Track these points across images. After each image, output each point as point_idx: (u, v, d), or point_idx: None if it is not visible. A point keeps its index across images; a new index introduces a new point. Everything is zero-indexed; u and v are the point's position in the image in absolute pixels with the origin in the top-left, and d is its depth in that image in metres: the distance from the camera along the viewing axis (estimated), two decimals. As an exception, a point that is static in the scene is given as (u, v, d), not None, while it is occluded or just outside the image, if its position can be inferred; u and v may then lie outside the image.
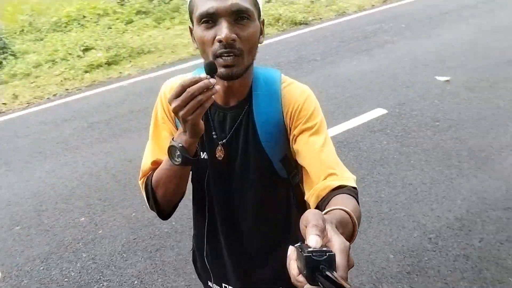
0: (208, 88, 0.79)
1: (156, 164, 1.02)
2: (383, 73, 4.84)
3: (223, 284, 1.22)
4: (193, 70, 1.06)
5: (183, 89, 0.78)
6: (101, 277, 2.54)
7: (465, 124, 3.68)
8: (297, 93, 0.99)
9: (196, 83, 0.78)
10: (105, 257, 2.69)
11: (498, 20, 6.14)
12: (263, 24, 0.97)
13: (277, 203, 1.11)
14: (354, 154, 3.45)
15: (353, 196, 0.82)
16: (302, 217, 0.54)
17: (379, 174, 3.17)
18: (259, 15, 0.93)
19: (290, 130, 0.98)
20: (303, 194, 1.04)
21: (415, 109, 4.02)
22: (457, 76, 4.56)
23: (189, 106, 0.79)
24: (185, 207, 1.23)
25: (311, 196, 0.90)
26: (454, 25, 6.15)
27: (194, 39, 0.93)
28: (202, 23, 0.87)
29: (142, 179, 1.06)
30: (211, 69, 0.81)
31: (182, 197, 1.05)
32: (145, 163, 1.05)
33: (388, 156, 3.38)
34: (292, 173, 1.06)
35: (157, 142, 1.05)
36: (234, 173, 1.04)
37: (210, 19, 0.85)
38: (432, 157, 3.29)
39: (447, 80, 4.48)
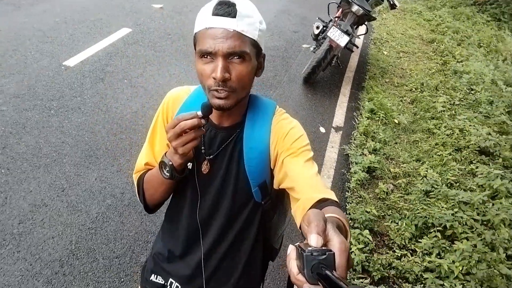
0: (199, 126, 0.90)
1: (148, 165, 1.17)
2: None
3: (170, 279, 1.28)
4: (199, 85, 1.10)
5: (177, 122, 0.89)
6: None
7: (182, 34, 5.27)
8: (286, 123, 1.08)
9: (190, 119, 0.88)
10: None
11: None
12: (264, 58, 1.05)
13: (244, 221, 1.15)
14: (126, 61, 4.43)
15: (339, 208, 0.85)
16: (304, 216, 0.56)
17: (151, 70, 4.34)
18: (258, 53, 1.00)
19: (276, 157, 1.06)
20: (269, 220, 1.21)
21: (150, 27, 5.27)
22: (169, 3, 6.05)
23: (181, 139, 0.90)
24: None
25: (297, 208, 0.94)
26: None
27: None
28: (202, 57, 0.94)
29: (136, 174, 1.19)
30: (205, 110, 0.91)
31: (168, 198, 1.20)
32: (139, 162, 1.18)
33: (150, 59, 4.56)
34: (266, 198, 1.13)
35: (152, 147, 1.17)
36: (213, 187, 1.11)
37: (208, 55, 0.92)
38: (178, 49, 4.73)
39: (161, 7, 5.89)
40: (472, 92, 5.47)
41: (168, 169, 0.99)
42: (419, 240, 3.04)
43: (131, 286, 2.34)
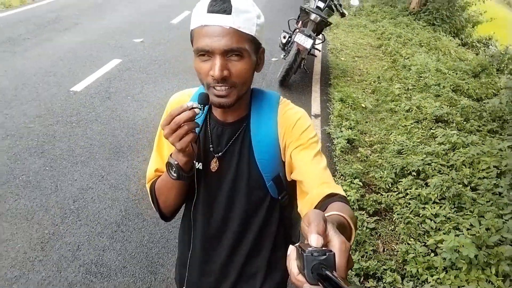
0: (194, 117, 0.89)
1: (158, 171, 1.14)
2: (103, 37, 6.34)
3: None
4: (199, 87, 1.09)
5: (171, 117, 0.88)
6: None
7: (167, 59, 5.95)
8: (292, 113, 1.05)
9: (182, 112, 0.88)
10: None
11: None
12: (263, 53, 1.02)
13: (262, 221, 1.12)
14: (124, 83, 5.03)
15: (346, 203, 0.84)
16: (304, 216, 0.56)
17: (148, 88, 4.96)
18: (257, 48, 0.97)
19: (285, 148, 1.03)
20: (289, 216, 1.16)
21: (137, 56, 5.92)
22: (148, 37, 6.76)
23: (176, 133, 0.89)
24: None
25: (305, 204, 0.93)
26: (121, 8, 8.21)
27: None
28: (199, 55, 0.92)
29: (148, 184, 1.17)
30: (202, 100, 0.91)
31: (182, 204, 1.16)
32: (150, 170, 1.16)
33: (144, 80, 5.19)
34: (282, 193, 1.09)
35: (160, 153, 1.15)
36: (225, 185, 1.08)
37: (206, 53, 0.91)
38: (167, 71, 5.38)
39: (141, 41, 6.58)
40: (421, 78, 6.39)
41: (174, 169, 0.98)
42: (399, 182, 3.71)
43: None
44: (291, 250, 0.54)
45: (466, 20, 11.10)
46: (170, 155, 1.00)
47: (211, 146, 1.07)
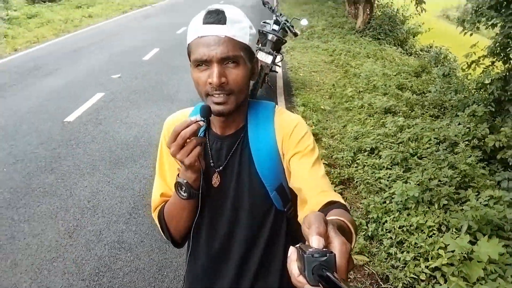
0: (198, 130, 0.91)
1: (164, 196, 1.13)
2: (83, 77, 6.94)
3: None
4: (195, 106, 1.11)
5: (176, 134, 0.90)
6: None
7: (145, 90, 6.61)
8: (289, 120, 1.06)
9: (187, 127, 0.89)
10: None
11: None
12: (257, 63, 1.06)
13: (269, 235, 1.09)
14: (112, 110, 5.63)
15: (346, 211, 0.84)
16: (304, 218, 0.56)
17: (133, 113, 5.58)
18: (251, 57, 1.01)
19: (284, 155, 1.03)
20: (298, 229, 1.03)
21: (118, 89, 6.56)
22: (124, 73, 7.42)
23: (184, 149, 0.91)
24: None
25: (305, 213, 0.87)
26: (95, 52, 8.86)
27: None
28: (197, 66, 0.96)
29: (154, 212, 1.15)
30: (205, 112, 0.94)
31: (192, 225, 1.11)
32: (155, 197, 1.15)
33: (129, 107, 5.81)
34: (288, 205, 1.08)
35: (163, 178, 1.14)
36: (228, 200, 1.07)
37: (203, 63, 0.94)
38: (147, 98, 6.03)
39: (119, 76, 7.24)
40: (370, 82, 7.29)
41: (184, 188, 0.99)
42: (357, 159, 4.44)
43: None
44: (292, 251, 0.54)
45: (407, 32, 12.39)
46: (178, 175, 1.01)
47: (211, 161, 1.08)
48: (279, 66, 6.74)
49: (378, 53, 9.77)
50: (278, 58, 6.63)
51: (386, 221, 3.29)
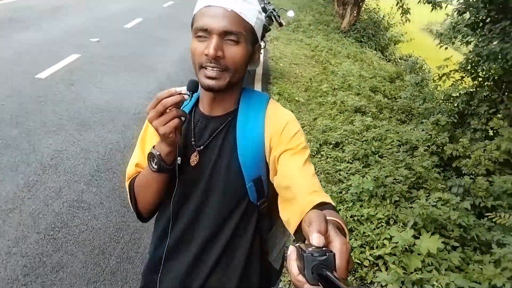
0: (182, 102, 0.88)
1: (138, 166, 1.11)
2: (61, 35, 6.78)
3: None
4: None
5: (158, 100, 0.88)
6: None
7: (123, 56, 6.54)
8: (281, 116, 1.03)
9: (170, 96, 0.87)
10: None
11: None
12: (259, 49, 1.03)
13: (236, 225, 1.06)
14: (86, 73, 5.56)
15: (337, 213, 0.83)
16: (305, 217, 0.56)
17: (108, 79, 5.52)
18: (255, 41, 0.98)
19: (271, 151, 1.00)
20: (266, 229, 1.11)
21: (95, 53, 6.45)
22: (104, 38, 7.29)
23: (163, 117, 0.88)
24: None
25: (294, 212, 0.88)
26: (76, 13, 8.64)
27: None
28: (197, 36, 0.93)
29: (127, 182, 1.13)
30: (191, 86, 0.92)
31: (159, 203, 1.11)
32: (130, 166, 1.13)
33: (104, 71, 5.75)
34: (261, 199, 1.05)
35: (142, 149, 1.13)
36: (202, 180, 1.04)
37: (204, 34, 0.92)
38: (125, 66, 5.98)
39: (98, 40, 7.11)
40: (346, 81, 7.47)
41: (156, 160, 0.97)
42: (322, 150, 4.59)
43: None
44: (292, 251, 0.54)
45: (389, 39, 12.68)
46: (153, 146, 0.99)
47: (193, 139, 1.05)
48: (261, 54, 6.80)
49: (358, 55, 9.99)
50: (261, 44, 6.68)
51: (340, 210, 3.45)
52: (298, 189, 0.91)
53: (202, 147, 1.04)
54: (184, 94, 0.90)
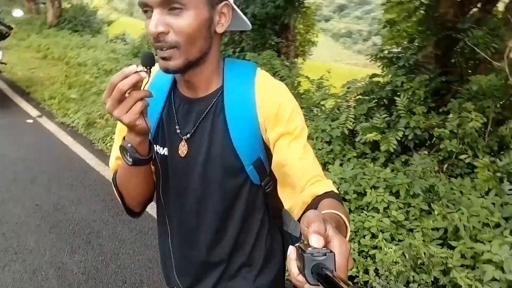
0: (140, 81, 0.74)
1: (119, 159, 0.97)
2: None
3: None
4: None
5: (113, 86, 0.73)
6: None
7: None
8: (273, 91, 0.91)
9: (125, 78, 0.73)
10: None
11: None
12: (227, 7, 0.85)
13: (244, 211, 0.99)
14: None
15: (339, 201, 0.80)
16: (303, 217, 0.55)
17: None
18: (213, 2, 0.82)
19: (266, 129, 0.91)
20: (274, 203, 1.02)
21: None
22: None
23: (123, 105, 0.74)
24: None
25: (296, 203, 0.86)
26: None
27: None
28: (144, 12, 0.80)
29: (112, 177, 1.00)
30: (146, 61, 0.76)
31: (152, 197, 1.02)
32: (111, 160, 1.02)
33: None
34: (265, 179, 0.97)
35: (120, 138, 0.92)
36: (195, 172, 0.94)
37: (147, 8, 0.79)
38: None
39: None
40: (100, 67, 7.59)
41: (129, 153, 0.84)
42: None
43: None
44: (291, 251, 0.53)
45: (101, 22, 12.92)
46: (123, 138, 0.86)
47: (177, 127, 0.93)
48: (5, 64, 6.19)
49: (86, 43, 9.96)
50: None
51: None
52: (299, 179, 0.86)
53: (188, 135, 0.93)
54: (141, 71, 0.75)
